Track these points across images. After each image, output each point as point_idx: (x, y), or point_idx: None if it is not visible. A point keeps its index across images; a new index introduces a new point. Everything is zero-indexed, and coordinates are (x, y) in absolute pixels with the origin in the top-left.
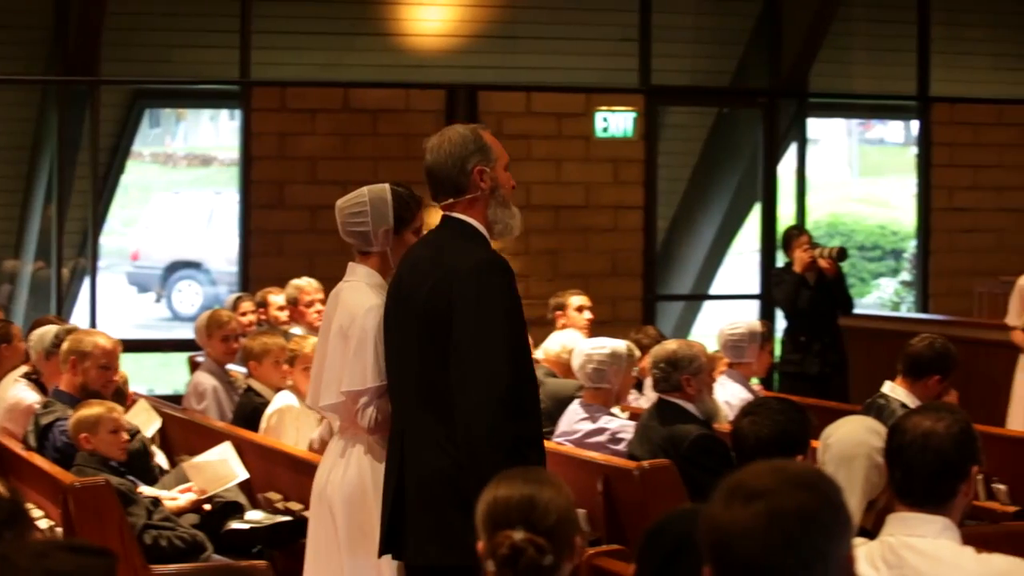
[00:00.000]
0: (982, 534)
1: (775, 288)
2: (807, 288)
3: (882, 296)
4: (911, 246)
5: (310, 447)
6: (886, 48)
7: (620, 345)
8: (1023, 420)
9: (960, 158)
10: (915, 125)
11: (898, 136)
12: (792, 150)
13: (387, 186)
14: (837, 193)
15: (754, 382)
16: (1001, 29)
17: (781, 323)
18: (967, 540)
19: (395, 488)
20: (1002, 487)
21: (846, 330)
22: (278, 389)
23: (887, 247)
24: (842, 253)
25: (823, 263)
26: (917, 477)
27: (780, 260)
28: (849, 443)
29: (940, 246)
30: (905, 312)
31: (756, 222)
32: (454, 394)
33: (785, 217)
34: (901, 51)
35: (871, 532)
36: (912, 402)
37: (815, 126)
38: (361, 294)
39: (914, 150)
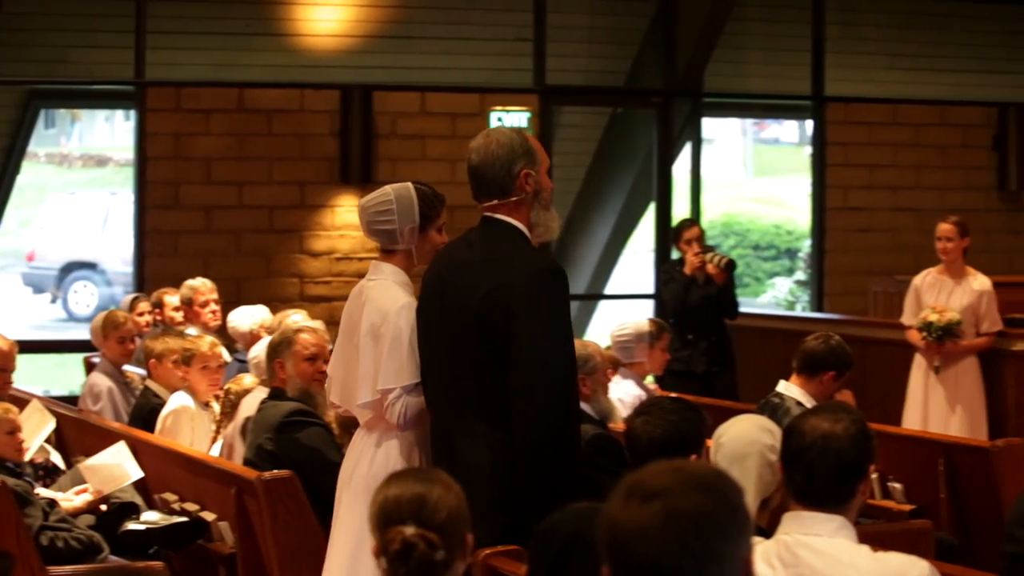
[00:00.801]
0: (878, 533)
1: (664, 286)
2: (696, 286)
3: (777, 295)
4: (806, 245)
5: (224, 442)
6: (780, 48)
7: None
8: (919, 419)
9: (855, 157)
10: (810, 125)
11: (793, 136)
12: (687, 150)
13: (410, 184)
14: (732, 193)
15: (649, 381)
16: (895, 28)
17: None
18: (864, 539)
19: None
20: (898, 486)
21: (741, 329)
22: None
23: (782, 246)
24: (730, 265)
25: (711, 270)
26: (818, 480)
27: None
28: (741, 441)
29: (835, 245)
30: (800, 311)
31: (651, 222)
32: (514, 397)
33: (680, 217)
34: (795, 51)
35: (766, 531)
36: (807, 400)
37: (710, 126)
38: (391, 292)
39: (809, 149)
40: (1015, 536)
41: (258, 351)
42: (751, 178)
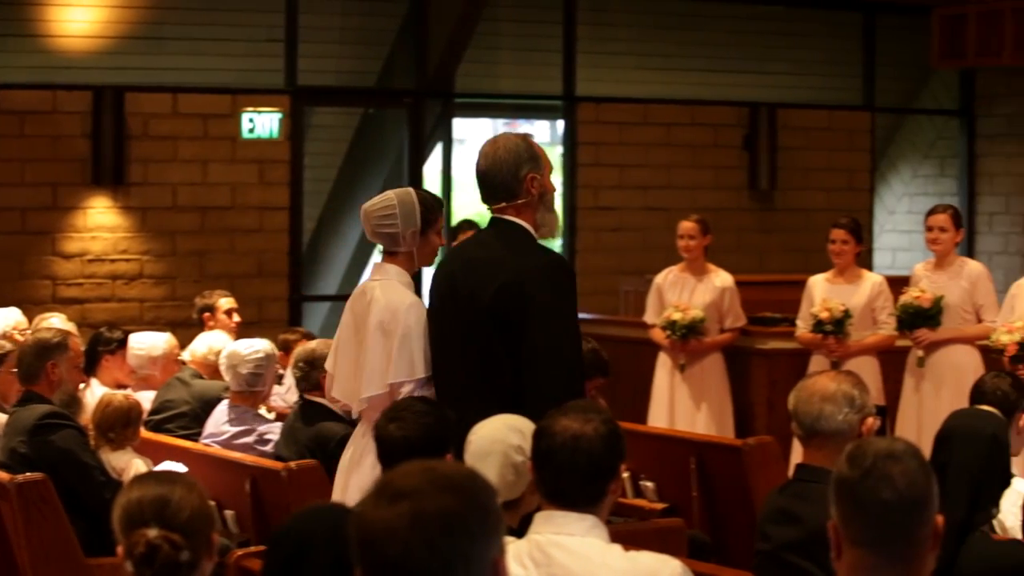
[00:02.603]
0: (630, 531)
1: None
2: None
3: None
4: (557, 245)
5: None
6: (532, 48)
7: (267, 345)
8: (665, 417)
9: (605, 157)
10: (561, 125)
11: (544, 136)
12: (438, 150)
13: (411, 190)
14: None
15: None
16: (646, 29)
17: None
18: (616, 538)
19: None
20: (649, 484)
21: None
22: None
23: None
24: None
25: None
26: (569, 480)
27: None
28: (486, 440)
29: (586, 245)
30: None
31: None
32: (527, 385)
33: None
34: (547, 51)
35: (517, 531)
36: None
37: (461, 126)
38: (398, 292)
39: (560, 149)
40: (767, 534)
41: None
42: None
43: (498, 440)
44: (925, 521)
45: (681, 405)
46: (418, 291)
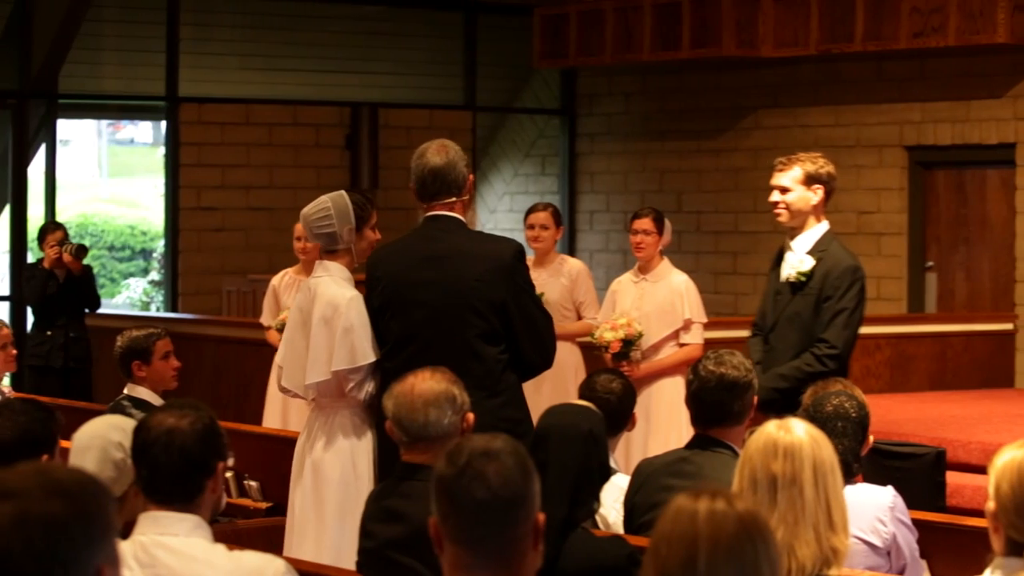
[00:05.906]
0: (236, 531)
1: (26, 283)
2: (56, 283)
3: (132, 296)
4: (160, 246)
5: None
6: (136, 49)
7: None
8: (277, 418)
9: (208, 158)
10: (164, 125)
11: (147, 136)
12: (42, 151)
13: (343, 192)
14: (87, 194)
15: (6, 383)
16: (249, 29)
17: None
18: (221, 537)
19: None
20: (254, 483)
21: (95, 330)
22: None
23: (136, 247)
24: (80, 250)
25: (66, 259)
26: (163, 475)
27: (32, 259)
28: (86, 436)
29: (188, 245)
30: (155, 311)
31: (6, 224)
32: (528, 351)
33: (35, 218)
34: (151, 51)
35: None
36: (156, 399)
37: (65, 127)
38: (339, 287)
39: (162, 150)
40: (371, 532)
41: None
42: (106, 179)
43: (98, 436)
44: (522, 520)
45: (296, 405)
46: None
